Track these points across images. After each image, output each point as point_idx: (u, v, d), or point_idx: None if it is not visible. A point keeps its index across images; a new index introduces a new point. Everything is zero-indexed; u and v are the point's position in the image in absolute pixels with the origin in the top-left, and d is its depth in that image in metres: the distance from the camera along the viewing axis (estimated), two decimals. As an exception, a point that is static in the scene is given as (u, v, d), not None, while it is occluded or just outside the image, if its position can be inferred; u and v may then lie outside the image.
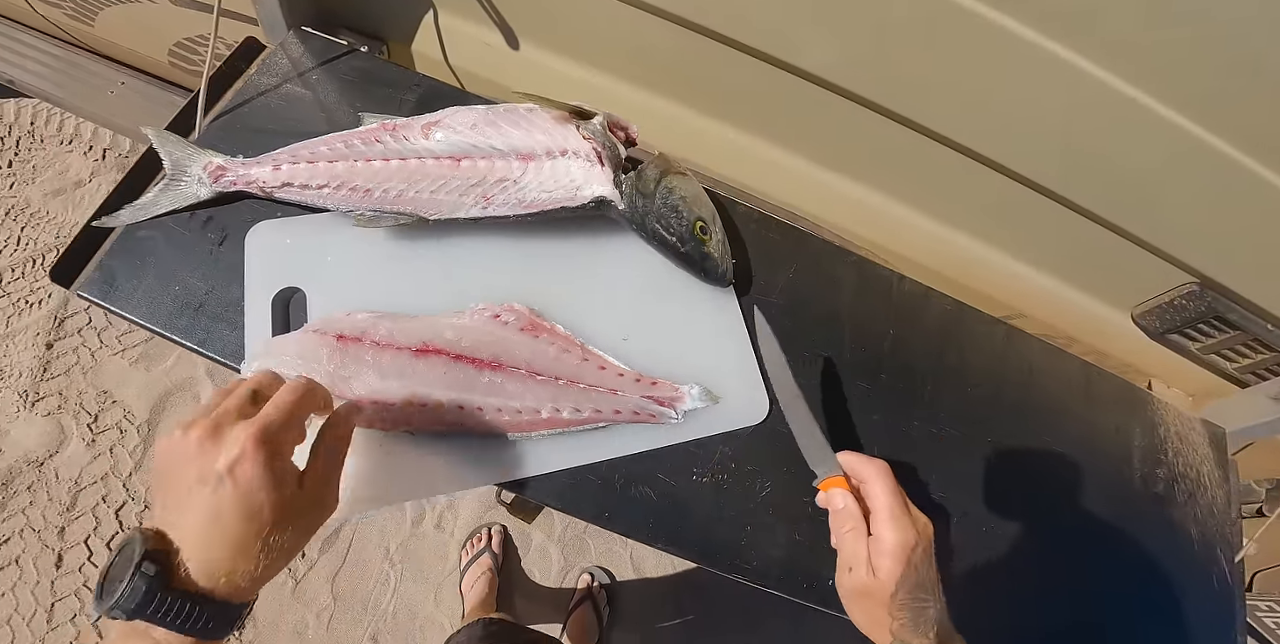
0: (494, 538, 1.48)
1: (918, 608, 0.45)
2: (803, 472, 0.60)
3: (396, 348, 0.54)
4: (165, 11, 0.92)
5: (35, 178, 1.72)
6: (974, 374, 0.70)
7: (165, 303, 0.61)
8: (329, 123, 0.67)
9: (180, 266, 0.62)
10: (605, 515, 0.58)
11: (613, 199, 0.59)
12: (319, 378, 0.48)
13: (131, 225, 0.64)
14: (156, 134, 0.66)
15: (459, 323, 0.57)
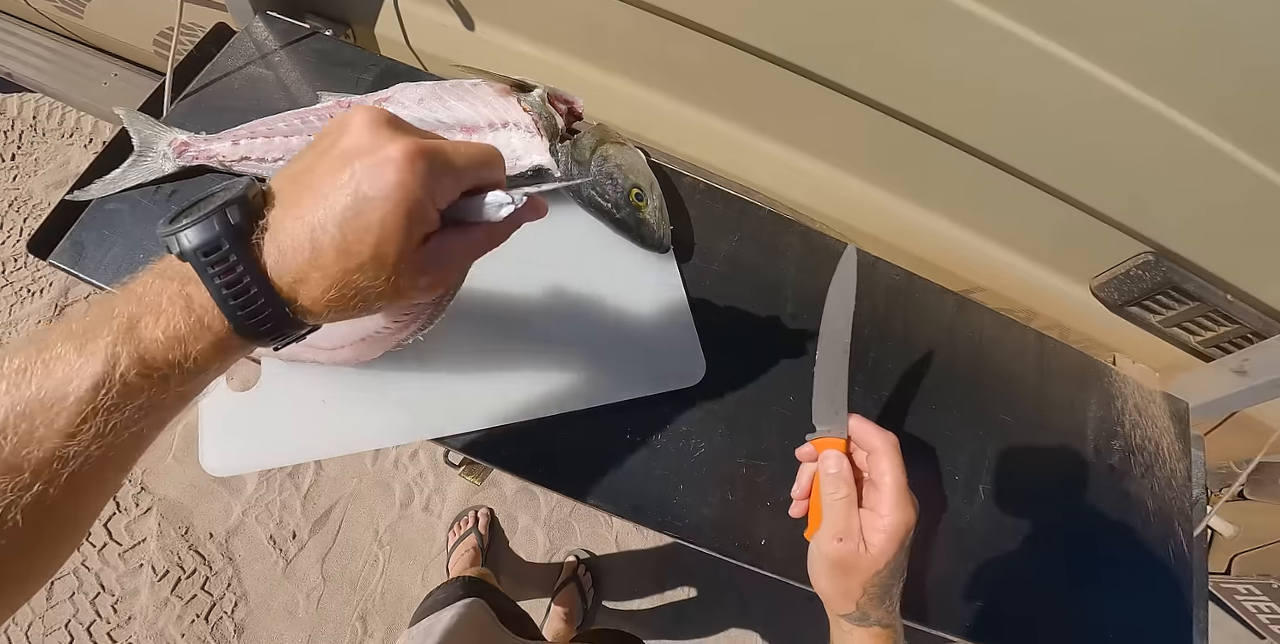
0: (480, 520, 1.52)
1: (890, 585, 0.46)
2: (738, 436, 0.63)
3: None
4: (148, 2, 0.96)
5: (37, 170, 1.79)
6: (921, 343, 0.72)
7: (126, 270, 0.65)
8: (289, 101, 0.71)
9: (146, 236, 0.66)
10: (541, 471, 0.61)
11: (549, 166, 0.62)
12: None
13: (102, 199, 0.68)
14: (127, 113, 0.71)
15: None
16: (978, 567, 0.65)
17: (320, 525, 1.54)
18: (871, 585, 0.45)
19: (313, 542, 1.52)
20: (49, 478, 0.26)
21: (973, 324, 0.75)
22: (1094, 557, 0.70)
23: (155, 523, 1.51)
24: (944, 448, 0.68)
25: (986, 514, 0.67)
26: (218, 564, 1.49)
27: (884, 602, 0.46)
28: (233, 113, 0.71)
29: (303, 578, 1.50)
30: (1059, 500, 0.71)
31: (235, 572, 1.49)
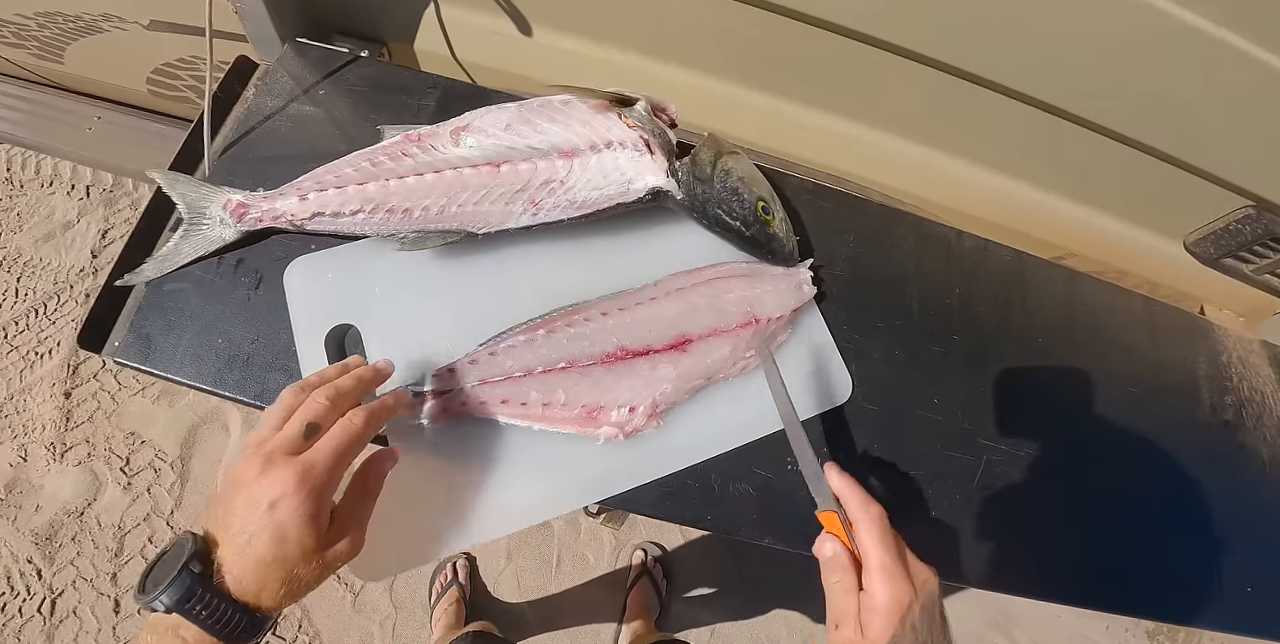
0: (460, 572, 1.43)
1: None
2: (899, 448, 0.58)
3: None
4: (138, 38, 0.84)
5: (22, 225, 1.63)
6: (1042, 324, 0.67)
7: (210, 359, 0.56)
8: (346, 140, 0.61)
9: (219, 317, 0.57)
10: (706, 518, 0.55)
11: (669, 189, 0.54)
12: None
13: (157, 279, 0.58)
14: (165, 177, 0.60)
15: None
16: (1124, 532, 0.63)
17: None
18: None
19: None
20: None
21: (1085, 297, 0.70)
22: (1227, 514, 0.67)
23: None
24: (1074, 426, 0.65)
25: (1128, 481, 0.64)
26: (285, 608, 1.42)
27: None
28: (285, 162, 0.61)
29: (373, 609, 1.42)
30: (1188, 462, 0.68)
31: (304, 613, 1.41)
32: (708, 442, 0.55)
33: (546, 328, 0.53)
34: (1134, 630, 1.50)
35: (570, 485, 0.53)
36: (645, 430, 0.53)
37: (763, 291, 0.57)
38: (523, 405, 0.52)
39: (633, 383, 0.53)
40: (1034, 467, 0.61)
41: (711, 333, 0.55)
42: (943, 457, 0.59)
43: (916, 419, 0.60)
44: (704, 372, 0.55)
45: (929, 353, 0.62)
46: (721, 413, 0.55)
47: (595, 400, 0.53)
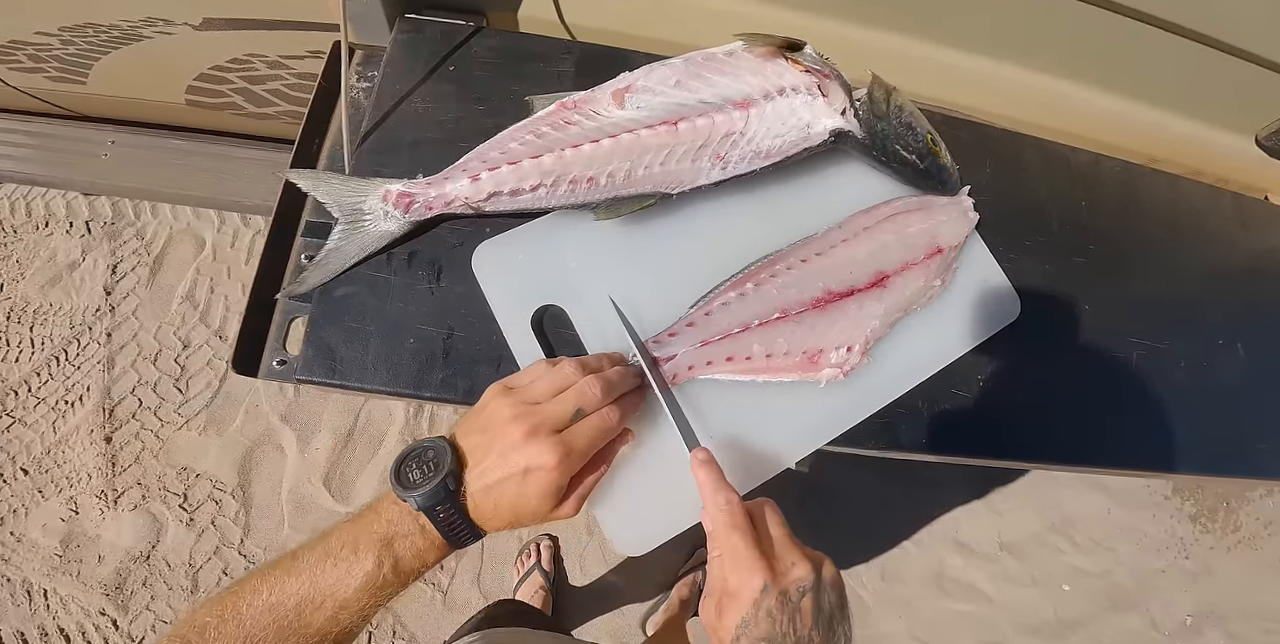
0: (543, 554, 1.40)
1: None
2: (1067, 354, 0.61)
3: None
4: (185, 41, 0.78)
5: (24, 272, 1.52)
6: (1156, 226, 0.70)
7: (405, 361, 0.53)
8: (494, 115, 0.58)
9: (404, 316, 0.54)
10: (923, 441, 0.56)
11: (851, 129, 0.53)
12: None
13: (322, 287, 0.54)
14: (305, 177, 0.56)
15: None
16: (1238, 408, 0.66)
17: (463, 550, 1.44)
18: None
19: (461, 568, 1.42)
20: (324, 634, 0.38)
21: (1184, 198, 0.73)
22: None
23: None
24: (1200, 317, 0.68)
25: (1247, 372, 0.67)
26: (377, 617, 1.39)
27: None
28: (434, 145, 0.58)
29: (464, 604, 1.41)
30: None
31: (396, 618, 1.39)
32: (912, 371, 0.55)
33: (753, 281, 0.53)
34: (1178, 516, 1.60)
35: (801, 430, 0.52)
36: (860, 368, 0.54)
37: (938, 222, 0.57)
38: (747, 359, 0.52)
39: (844, 324, 0.53)
40: (1173, 357, 0.65)
41: (905, 267, 0.55)
42: (1104, 357, 0.62)
43: (1076, 327, 0.62)
44: (904, 304, 0.55)
45: (1073, 264, 0.64)
46: (918, 343, 0.56)
47: (815, 344, 0.52)
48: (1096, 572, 1.53)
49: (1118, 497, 1.59)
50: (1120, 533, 1.57)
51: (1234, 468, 0.65)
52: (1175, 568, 1.57)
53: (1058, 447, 0.59)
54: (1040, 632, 1.48)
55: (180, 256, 1.55)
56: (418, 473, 0.40)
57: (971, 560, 1.50)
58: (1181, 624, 1.53)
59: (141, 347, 1.48)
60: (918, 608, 1.46)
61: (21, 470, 1.42)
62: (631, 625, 1.40)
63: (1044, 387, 0.60)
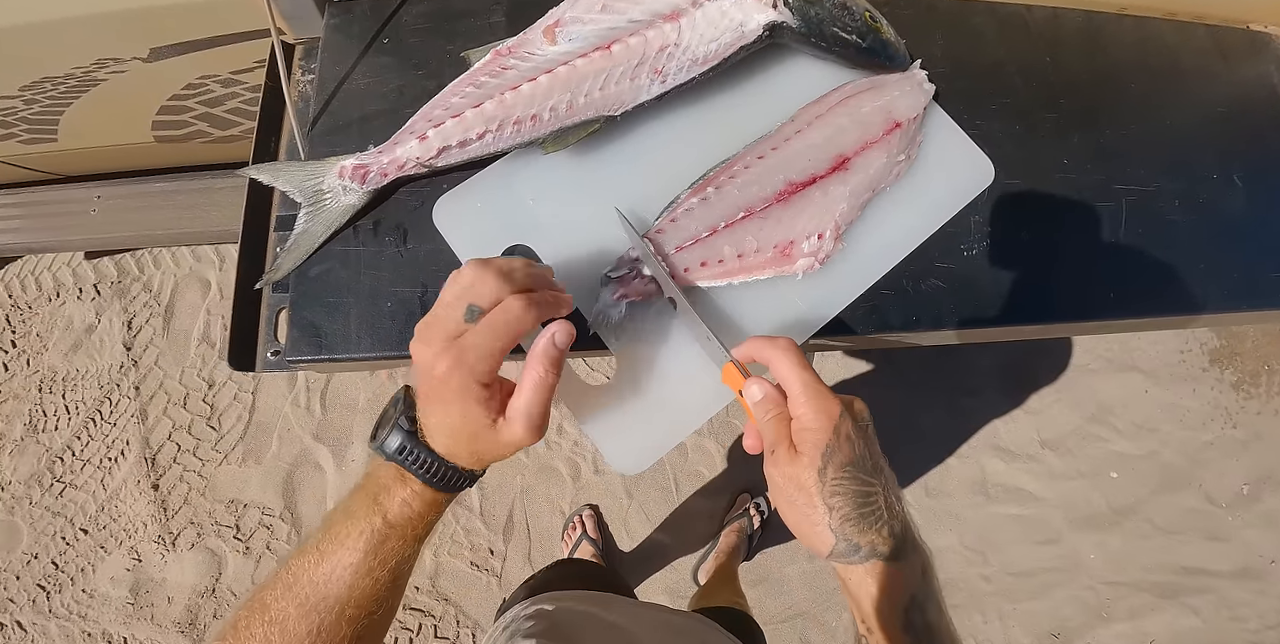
0: (587, 524, 1.40)
1: (858, 492, 0.36)
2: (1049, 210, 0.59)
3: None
4: (138, 76, 0.77)
5: (46, 344, 1.55)
6: (1128, 70, 0.67)
7: (385, 326, 0.53)
8: (434, 77, 0.57)
9: (379, 282, 0.54)
10: (914, 319, 0.54)
11: (784, 19, 0.51)
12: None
13: (298, 272, 0.55)
14: (263, 170, 0.57)
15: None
16: (1246, 239, 0.63)
17: (510, 532, 1.44)
18: (830, 496, 0.36)
19: (511, 550, 1.43)
20: (343, 603, 0.37)
21: (1156, 38, 0.69)
22: None
23: None
24: (1187, 155, 0.64)
25: (1248, 200, 0.64)
26: (438, 610, 1.40)
27: (865, 520, 0.36)
28: (381, 117, 0.58)
29: (520, 582, 1.43)
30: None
31: (457, 608, 1.40)
32: (889, 250, 0.54)
33: (713, 185, 0.51)
34: (1219, 387, 1.56)
35: (787, 327, 0.51)
36: (834, 254, 0.52)
37: (892, 97, 0.55)
38: (720, 263, 0.50)
39: (812, 212, 0.52)
40: (1165, 198, 0.62)
41: (864, 146, 0.53)
42: (1089, 208, 0.60)
43: (1055, 181, 0.60)
44: (870, 183, 0.53)
45: (1044, 120, 0.62)
46: (891, 221, 0.54)
47: (785, 236, 0.51)
48: (1142, 454, 1.50)
49: (1153, 376, 1.55)
50: (1161, 412, 1.54)
51: (1253, 301, 0.62)
52: (1223, 439, 1.53)
53: (1060, 304, 0.57)
54: (1094, 522, 1.46)
55: (190, 301, 1.57)
56: (384, 427, 0.40)
57: (1013, 463, 1.48)
58: (1238, 494, 1.50)
59: (169, 393, 1.51)
60: (966, 518, 1.45)
61: (81, 531, 1.45)
62: (685, 579, 1.40)
63: (1033, 246, 0.57)
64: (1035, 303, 0.56)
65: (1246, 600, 1.42)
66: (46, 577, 1.43)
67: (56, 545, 1.44)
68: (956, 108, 0.59)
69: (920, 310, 0.54)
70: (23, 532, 1.45)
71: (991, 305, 0.55)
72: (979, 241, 0.56)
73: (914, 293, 0.54)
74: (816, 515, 0.36)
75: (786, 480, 0.37)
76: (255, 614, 0.36)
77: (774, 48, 0.56)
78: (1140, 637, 1.40)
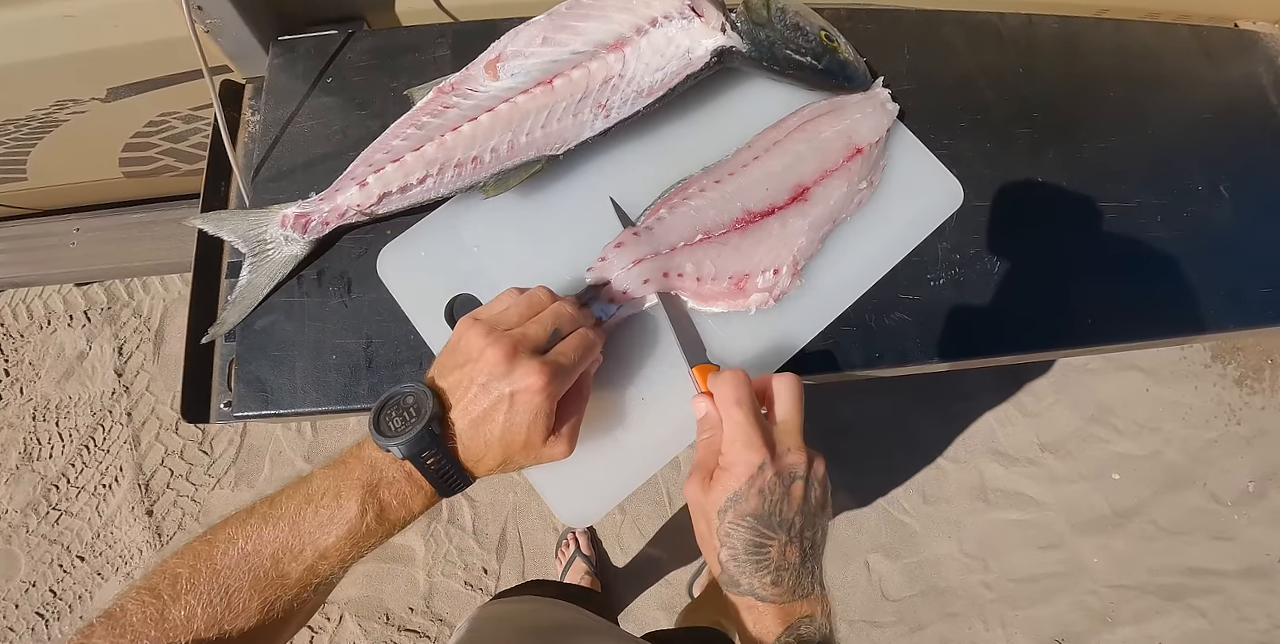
0: (580, 541, 1.38)
1: (749, 541, 0.37)
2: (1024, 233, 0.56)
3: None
4: (99, 116, 0.76)
5: (39, 372, 1.54)
6: (1107, 78, 0.63)
7: (332, 377, 0.51)
8: (377, 117, 0.55)
9: (322, 334, 0.52)
10: (877, 357, 0.51)
11: (733, 44, 0.48)
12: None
13: (243, 323, 0.53)
14: (206, 220, 0.54)
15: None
16: (1234, 253, 0.60)
17: (503, 550, 1.41)
18: (725, 535, 0.37)
19: (505, 567, 1.40)
20: (304, 586, 0.35)
21: (1136, 42, 0.66)
22: None
23: (354, 626, 1.38)
24: (1170, 166, 0.61)
25: (1234, 205, 0.61)
26: (433, 630, 1.38)
27: (751, 566, 0.37)
28: (325, 162, 0.55)
29: None
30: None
31: (451, 628, 1.37)
32: (849, 284, 0.51)
33: (666, 206, 0.49)
34: (1221, 383, 1.52)
35: (739, 362, 0.49)
36: (791, 291, 0.50)
37: (853, 120, 0.52)
38: (680, 276, 0.48)
39: (770, 244, 0.49)
40: (1148, 214, 0.59)
41: (823, 175, 0.50)
42: (1067, 228, 0.57)
43: (1030, 201, 0.57)
44: (830, 215, 0.50)
45: (1017, 136, 0.59)
46: (852, 253, 0.52)
47: (740, 268, 0.48)
48: (1145, 454, 1.46)
49: (1154, 374, 1.51)
50: (1163, 410, 1.50)
51: (1241, 320, 0.59)
52: (1227, 436, 1.49)
53: (1034, 334, 0.54)
54: (1096, 525, 1.42)
55: (179, 326, 1.55)
56: (398, 420, 0.37)
57: (1013, 468, 1.45)
58: (1244, 491, 1.46)
59: (161, 419, 1.49)
60: (966, 524, 1.42)
61: (78, 558, 1.44)
62: (680, 594, 1.38)
63: (1005, 273, 0.55)
64: (1007, 333, 0.53)
65: (1255, 600, 1.39)
66: (45, 604, 1.42)
67: (54, 573, 1.44)
68: (923, 127, 0.57)
69: (884, 346, 0.52)
70: (20, 560, 1.45)
71: (960, 338, 0.53)
72: (947, 270, 0.54)
73: (878, 328, 0.52)
74: (709, 543, 0.38)
75: (693, 503, 0.39)
76: (200, 573, 0.34)
77: (725, 72, 0.53)
78: (1146, 641, 1.36)
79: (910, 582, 1.39)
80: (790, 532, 0.37)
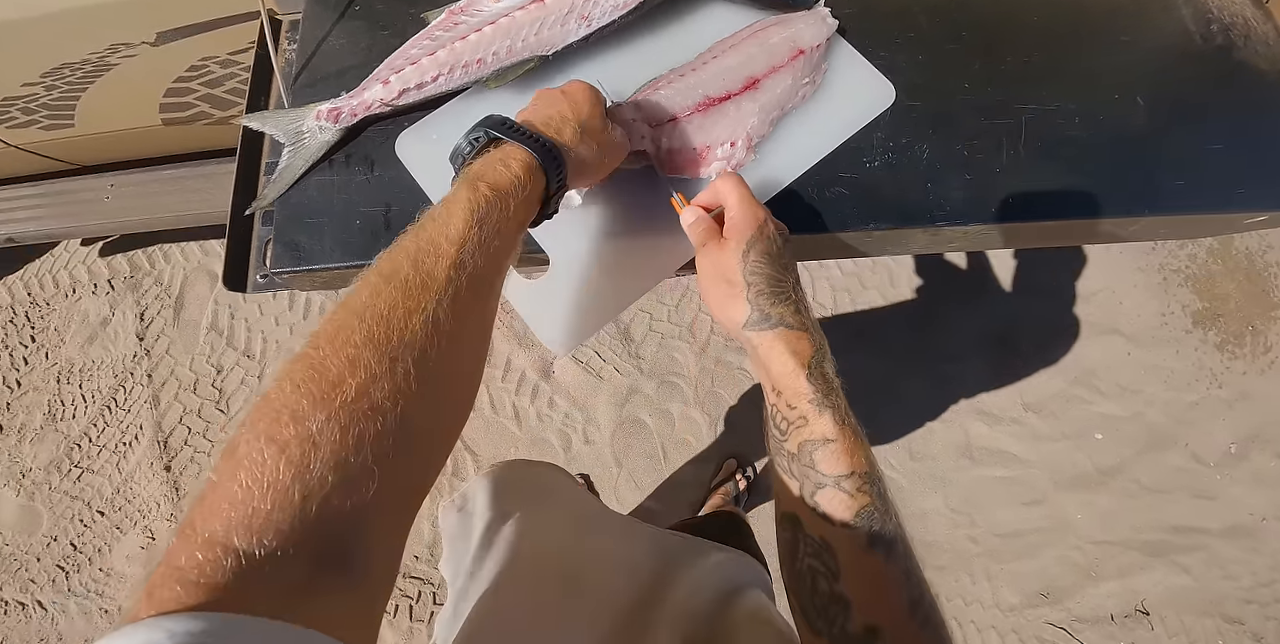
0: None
1: (771, 276, 0.44)
2: (949, 128, 0.65)
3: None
4: (147, 60, 0.88)
5: (64, 338, 1.66)
6: (1032, 6, 0.72)
7: (355, 239, 0.62)
8: (399, 35, 0.67)
9: (349, 204, 0.63)
10: (819, 221, 0.62)
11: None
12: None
13: (281, 198, 0.64)
14: (254, 118, 0.66)
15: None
16: (1147, 152, 0.67)
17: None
18: (750, 274, 0.44)
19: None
20: (455, 280, 0.35)
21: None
22: (1243, 116, 0.73)
23: None
24: (1093, 74, 0.70)
25: (1149, 118, 0.69)
26: (436, 577, 1.46)
27: (777, 297, 0.44)
28: (352, 71, 0.67)
29: None
30: (1195, 86, 0.73)
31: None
32: (795, 161, 0.62)
33: (644, 95, 0.60)
34: (1203, 348, 1.60)
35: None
36: (745, 163, 0.61)
37: (797, 29, 0.63)
38: (654, 145, 0.58)
39: (726, 123, 0.60)
40: (1066, 116, 0.68)
41: (772, 70, 0.62)
42: (988, 125, 0.66)
43: (956, 102, 0.67)
44: (778, 102, 0.62)
45: (946, 50, 0.69)
46: (798, 136, 0.63)
47: (702, 142, 0.60)
48: (1127, 415, 1.54)
49: (1135, 339, 1.59)
50: (1145, 374, 1.58)
51: (1155, 205, 0.66)
52: (1209, 399, 1.56)
53: (957, 207, 0.63)
54: (1080, 482, 1.49)
55: (198, 293, 1.67)
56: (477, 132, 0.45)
57: (997, 426, 1.52)
58: (1225, 453, 1.52)
59: (180, 380, 1.60)
60: (952, 480, 1.49)
61: (98, 513, 1.54)
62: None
63: (932, 158, 0.64)
64: (933, 207, 0.63)
65: (1238, 558, 1.44)
66: (65, 557, 1.52)
67: (75, 528, 1.53)
68: (864, 41, 0.67)
69: (826, 213, 0.62)
70: (43, 516, 1.55)
71: (890, 210, 0.62)
72: (881, 155, 0.64)
73: (819, 199, 0.62)
74: (736, 290, 0.45)
75: (713, 265, 0.47)
76: (350, 316, 0.31)
77: (689, -6, 0.64)
78: (1130, 595, 1.42)
79: (897, 535, 1.45)
80: (793, 275, 0.46)
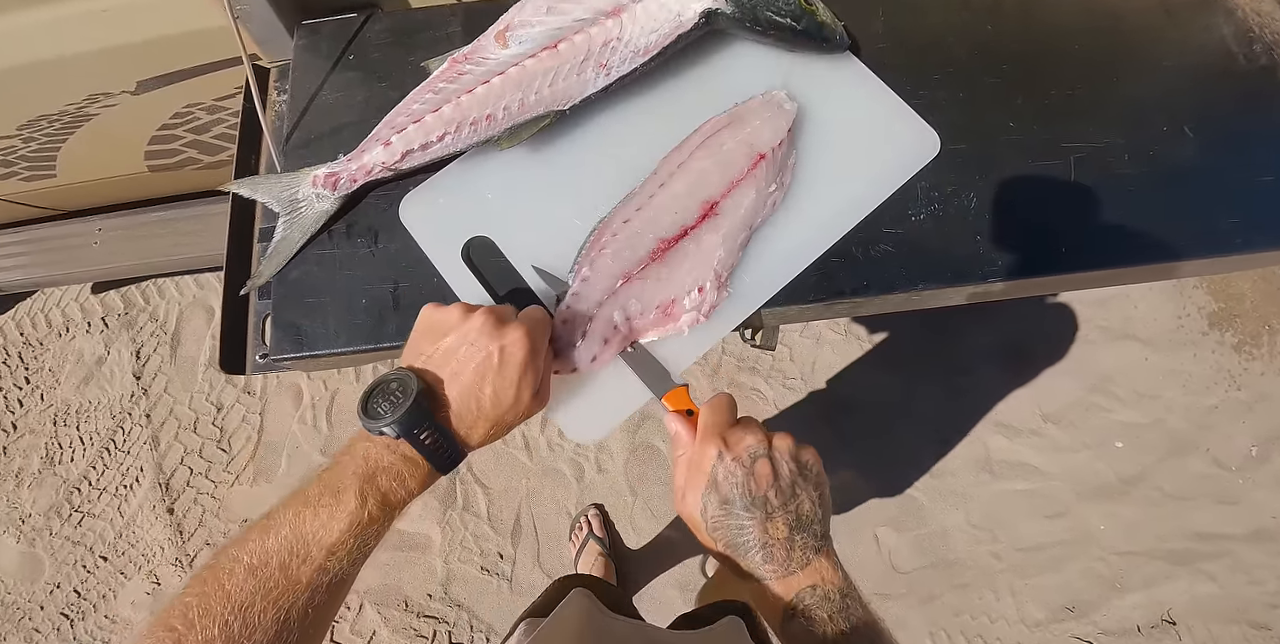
0: (593, 523, 1.41)
1: (733, 526, 0.41)
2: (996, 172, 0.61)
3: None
4: (128, 109, 0.82)
5: (59, 379, 1.60)
6: (1072, 32, 0.68)
7: (362, 320, 0.56)
8: (397, 88, 0.61)
9: (352, 281, 0.57)
10: (865, 285, 0.56)
11: (719, 6, 0.54)
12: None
13: (278, 275, 0.58)
14: (243, 184, 0.60)
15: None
16: (1199, 188, 0.63)
17: (518, 536, 1.45)
18: (713, 531, 0.42)
19: (520, 553, 1.44)
20: (315, 586, 0.36)
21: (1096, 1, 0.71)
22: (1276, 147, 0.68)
23: (374, 613, 1.42)
24: (1134, 110, 0.66)
25: (1198, 150, 0.65)
26: (451, 616, 1.42)
27: (739, 550, 0.41)
28: (349, 129, 0.61)
29: (531, 586, 1.42)
30: (1241, 109, 0.69)
31: (470, 613, 1.41)
32: (770, 283, 0.55)
33: (587, 264, 0.52)
34: (1220, 350, 1.56)
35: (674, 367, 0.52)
36: (720, 303, 0.53)
37: (753, 128, 0.55)
38: (615, 330, 0.51)
39: (688, 265, 0.52)
40: (1115, 153, 0.63)
41: (730, 186, 0.53)
42: (1036, 168, 0.61)
43: (1001, 143, 0.62)
44: (743, 223, 0.53)
45: (987, 85, 0.64)
46: (771, 253, 0.55)
47: (665, 296, 0.51)
48: (1147, 422, 1.50)
49: (1152, 344, 1.55)
50: (1163, 379, 1.54)
51: (1212, 248, 0.62)
52: (1229, 402, 1.53)
53: (1010, 261, 0.58)
54: (1102, 493, 1.46)
55: (194, 328, 1.61)
56: (386, 404, 0.39)
57: (1016, 439, 1.48)
58: (1247, 455, 1.49)
59: (179, 419, 1.55)
60: (972, 496, 1.45)
61: (101, 558, 1.49)
62: (694, 573, 1.41)
63: (980, 207, 0.59)
64: (984, 260, 0.58)
65: (1263, 563, 1.42)
66: (69, 605, 1.46)
67: (78, 574, 1.48)
68: (901, 80, 0.62)
69: (871, 275, 0.56)
70: (44, 563, 1.49)
71: (939, 266, 0.57)
72: (926, 206, 0.59)
73: (864, 259, 0.57)
74: (708, 544, 0.43)
75: (683, 516, 0.44)
76: (211, 598, 0.34)
77: (713, 34, 0.59)
78: (1156, 605, 1.39)
79: (920, 554, 1.42)
80: (766, 508, 0.41)
